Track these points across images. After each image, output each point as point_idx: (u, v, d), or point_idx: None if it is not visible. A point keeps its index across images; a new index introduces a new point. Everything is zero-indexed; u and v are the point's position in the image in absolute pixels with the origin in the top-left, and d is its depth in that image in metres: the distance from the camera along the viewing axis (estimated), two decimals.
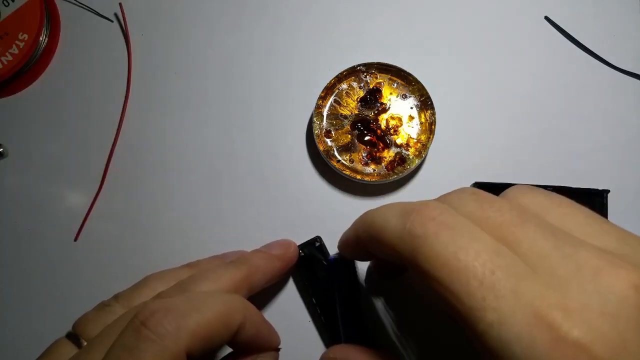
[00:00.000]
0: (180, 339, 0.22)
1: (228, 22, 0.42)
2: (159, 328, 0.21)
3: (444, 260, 0.17)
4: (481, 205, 0.20)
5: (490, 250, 0.17)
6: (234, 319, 0.24)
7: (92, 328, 0.26)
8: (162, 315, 0.22)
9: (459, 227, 0.18)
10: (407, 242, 0.19)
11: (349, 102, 0.38)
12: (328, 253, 0.36)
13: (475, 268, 0.17)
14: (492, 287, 0.16)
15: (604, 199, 0.37)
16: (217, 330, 0.23)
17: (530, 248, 0.17)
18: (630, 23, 0.41)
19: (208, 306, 0.23)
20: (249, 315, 0.25)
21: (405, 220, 0.19)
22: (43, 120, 0.41)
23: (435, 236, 0.18)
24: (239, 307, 0.25)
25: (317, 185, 0.39)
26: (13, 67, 0.39)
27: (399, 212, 0.20)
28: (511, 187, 0.22)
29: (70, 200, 0.40)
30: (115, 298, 0.28)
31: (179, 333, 0.22)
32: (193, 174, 0.40)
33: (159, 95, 0.41)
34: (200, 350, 0.23)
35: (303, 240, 0.37)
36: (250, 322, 0.25)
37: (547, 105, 0.40)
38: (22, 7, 0.39)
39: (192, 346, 0.22)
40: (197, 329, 0.22)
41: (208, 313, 0.23)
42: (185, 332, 0.22)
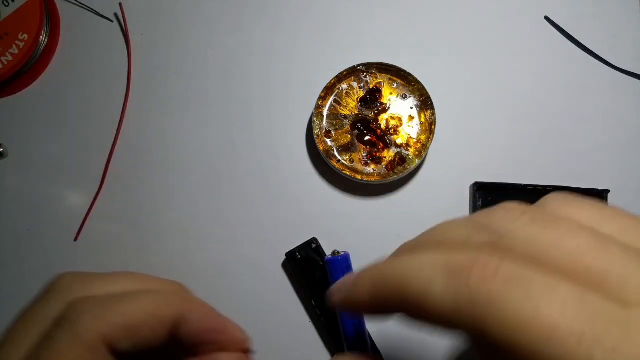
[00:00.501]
0: (96, 327, 0.21)
1: (228, 22, 0.42)
2: (73, 316, 0.21)
3: (524, 324, 0.14)
4: (541, 230, 0.15)
5: (576, 297, 0.14)
6: (166, 311, 0.23)
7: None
8: (79, 306, 0.22)
9: (528, 277, 0.14)
10: (466, 311, 0.15)
11: (349, 102, 0.38)
12: (324, 254, 0.36)
13: (568, 324, 0.13)
14: (597, 341, 0.13)
15: (604, 199, 0.37)
16: (144, 321, 0.22)
17: (624, 279, 0.14)
18: (630, 23, 0.41)
19: (133, 298, 0.22)
20: (190, 309, 0.23)
21: (457, 282, 0.15)
22: (43, 120, 0.41)
23: (504, 298, 0.14)
24: (175, 300, 0.23)
25: (317, 185, 0.39)
26: (13, 67, 0.39)
27: (443, 271, 0.16)
28: (549, 195, 0.18)
29: (70, 200, 0.40)
30: None
31: (95, 320, 0.21)
32: (193, 174, 0.40)
33: (159, 95, 0.41)
34: (127, 342, 0.22)
35: (302, 240, 0.37)
36: (193, 314, 0.23)
37: (547, 105, 0.40)
38: (22, 7, 0.39)
39: (112, 336, 0.21)
40: (118, 318, 0.21)
41: (131, 304, 0.22)
42: (102, 321, 0.21)
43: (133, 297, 0.23)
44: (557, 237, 0.15)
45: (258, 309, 0.38)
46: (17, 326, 0.24)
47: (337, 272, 0.34)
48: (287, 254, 0.37)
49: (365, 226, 0.38)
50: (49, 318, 0.23)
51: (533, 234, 0.15)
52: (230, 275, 0.38)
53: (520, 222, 0.16)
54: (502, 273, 0.15)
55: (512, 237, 0.16)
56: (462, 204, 0.39)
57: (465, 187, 0.39)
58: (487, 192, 0.38)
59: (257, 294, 0.38)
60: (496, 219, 0.17)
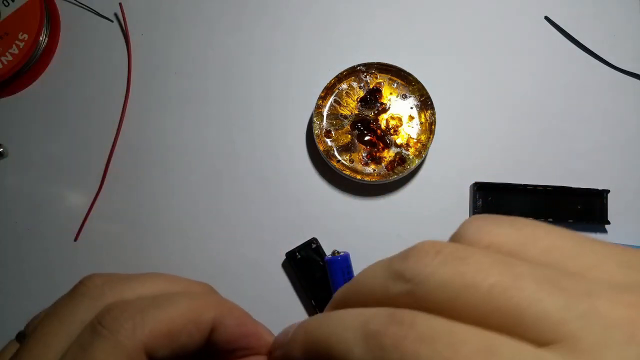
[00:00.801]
0: (136, 335, 0.21)
1: (228, 22, 0.42)
2: (113, 324, 0.21)
3: None
4: (453, 271, 0.15)
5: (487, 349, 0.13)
6: (204, 316, 0.22)
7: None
8: (118, 312, 0.21)
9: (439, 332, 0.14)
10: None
11: (349, 102, 0.38)
12: (324, 254, 0.36)
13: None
14: None
15: (604, 199, 0.37)
16: (184, 327, 0.22)
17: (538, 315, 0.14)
18: (630, 23, 0.41)
19: (172, 302, 0.22)
20: (225, 312, 0.23)
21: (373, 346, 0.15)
22: (43, 120, 0.41)
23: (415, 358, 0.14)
24: (211, 303, 0.23)
25: (317, 185, 0.39)
26: (13, 67, 0.39)
27: (361, 334, 0.16)
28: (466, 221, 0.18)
29: (70, 200, 0.40)
30: None
31: (134, 329, 0.21)
32: (193, 174, 0.40)
33: (159, 95, 0.41)
34: (164, 350, 0.21)
35: (302, 240, 0.37)
36: (229, 319, 0.23)
37: (547, 105, 0.40)
38: (22, 7, 0.39)
39: (153, 343, 0.21)
40: (158, 325, 0.21)
41: (171, 309, 0.22)
42: (142, 329, 0.21)
43: (170, 301, 0.22)
44: (469, 278, 0.15)
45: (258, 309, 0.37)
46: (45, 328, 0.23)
47: (337, 272, 0.34)
48: (287, 254, 0.37)
49: (365, 226, 0.38)
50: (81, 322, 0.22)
51: (446, 277, 0.15)
52: (230, 275, 0.38)
53: (434, 265, 0.16)
54: (415, 330, 0.15)
55: (426, 284, 0.16)
56: (462, 204, 0.39)
57: (465, 187, 0.39)
58: (487, 192, 0.38)
59: (257, 294, 0.38)
60: (410, 264, 0.16)
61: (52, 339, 0.22)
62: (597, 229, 0.38)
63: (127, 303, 0.22)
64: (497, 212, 0.37)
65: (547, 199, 0.37)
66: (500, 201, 0.38)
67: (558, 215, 0.37)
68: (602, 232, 0.38)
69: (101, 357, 0.20)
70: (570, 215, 0.37)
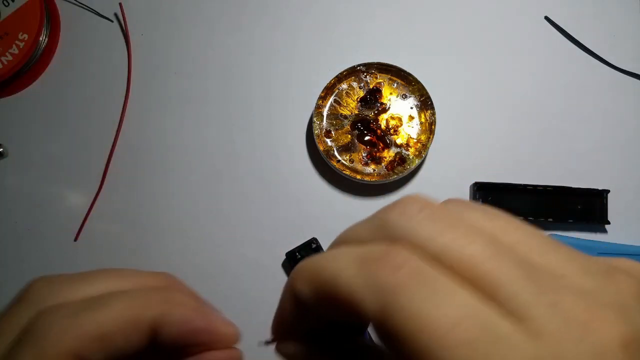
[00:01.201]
0: (63, 342, 0.20)
1: (228, 22, 0.42)
2: (39, 331, 0.20)
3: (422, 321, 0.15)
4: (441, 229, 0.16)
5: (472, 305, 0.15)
6: (142, 316, 0.21)
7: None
8: (47, 316, 0.20)
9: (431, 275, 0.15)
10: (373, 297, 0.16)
11: (349, 102, 0.38)
12: None
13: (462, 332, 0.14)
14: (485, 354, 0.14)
15: (604, 199, 0.37)
16: (118, 329, 0.20)
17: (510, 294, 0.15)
18: (630, 23, 0.41)
19: (105, 304, 0.21)
20: (168, 310, 0.21)
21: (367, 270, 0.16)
22: (43, 120, 0.41)
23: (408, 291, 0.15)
24: (152, 302, 0.21)
25: (317, 185, 0.39)
26: (13, 67, 0.39)
27: (355, 260, 0.17)
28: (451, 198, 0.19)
29: (70, 200, 0.40)
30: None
31: (61, 335, 0.20)
32: (193, 174, 0.40)
33: (159, 95, 0.41)
34: (99, 354, 0.20)
35: (302, 240, 0.37)
36: (173, 317, 0.21)
37: (547, 105, 0.40)
38: (22, 7, 0.39)
39: (83, 349, 0.20)
40: (88, 329, 0.20)
41: (104, 311, 0.20)
42: (71, 334, 0.20)
43: (105, 302, 0.21)
44: (456, 238, 0.16)
45: (258, 309, 0.38)
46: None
47: None
48: (287, 254, 0.37)
49: None
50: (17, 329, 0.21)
51: (433, 231, 0.16)
52: (230, 275, 0.38)
53: (419, 218, 0.17)
54: (409, 267, 0.15)
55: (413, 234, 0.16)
56: None
57: (465, 187, 0.39)
58: (487, 192, 0.38)
59: (257, 294, 0.38)
60: (394, 216, 0.17)
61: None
62: (597, 229, 0.38)
63: (60, 307, 0.21)
64: None
65: (547, 199, 0.37)
66: (500, 201, 0.38)
67: (558, 215, 0.37)
68: (602, 232, 0.38)
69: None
70: (570, 215, 0.37)
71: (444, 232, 0.16)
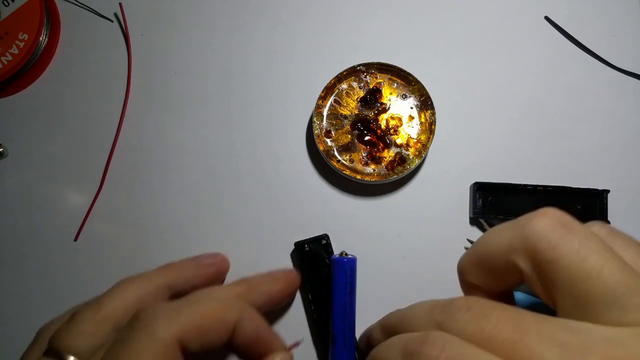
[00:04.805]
0: (171, 327, 0.22)
1: (228, 22, 0.42)
2: (149, 318, 0.22)
3: None
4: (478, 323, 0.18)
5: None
6: (230, 316, 0.25)
7: (73, 339, 0.25)
8: (154, 309, 0.23)
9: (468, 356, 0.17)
10: None
11: (349, 102, 0.38)
12: (332, 252, 0.36)
13: None
14: None
15: (604, 199, 0.37)
16: (212, 324, 0.24)
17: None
18: (630, 23, 0.41)
19: (202, 302, 0.25)
20: (247, 315, 0.26)
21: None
22: (43, 120, 0.41)
23: None
24: (235, 306, 0.26)
25: (317, 185, 0.39)
26: (13, 67, 0.39)
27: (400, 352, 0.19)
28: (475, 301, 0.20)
29: (70, 200, 0.40)
30: (85, 305, 0.28)
31: (169, 323, 0.23)
32: (193, 174, 0.40)
33: (158, 95, 0.41)
34: (195, 344, 0.23)
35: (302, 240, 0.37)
36: (249, 321, 0.26)
37: (547, 105, 0.40)
38: (22, 7, 0.39)
39: (185, 337, 0.23)
40: (190, 320, 0.23)
41: (202, 307, 0.24)
42: (176, 323, 0.23)
43: (202, 301, 0.25)
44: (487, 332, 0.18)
45: None
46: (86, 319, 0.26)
47: (340, 273, 0.34)
48: (296, 244, 0.37)
49: (365, 226, 0.38)
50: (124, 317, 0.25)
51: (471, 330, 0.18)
52: (229, 275, 0.38)
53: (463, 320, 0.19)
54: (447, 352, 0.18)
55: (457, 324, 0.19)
56: (462, 204, 0.39)
57: (465, 187, 0.39)
58: (487, 192, 0.38)
59: None
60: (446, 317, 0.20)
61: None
62: None
63: (163, 304, 0.24)
64: (497, 212, 0.37)
65: (547, 199, 0.37)
66: (500, 201, 0.38)
67: None
68: None
69: (140, 347, 0.22)
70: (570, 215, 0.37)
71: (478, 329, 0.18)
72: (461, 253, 0.39)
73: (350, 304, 0.34)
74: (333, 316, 0.34)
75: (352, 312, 0.34)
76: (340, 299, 0.34)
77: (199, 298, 0.26)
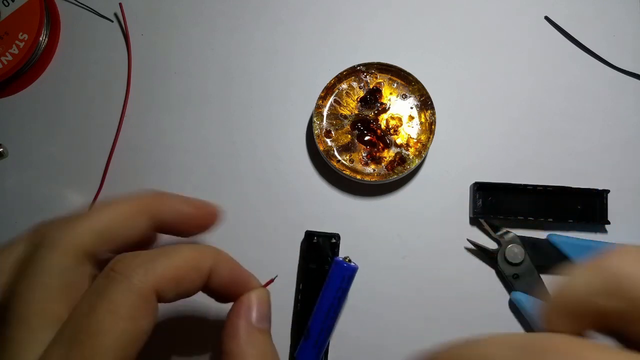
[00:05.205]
0: (148, 278, 0.23)
1: (228, 22, 0.42)
2: (126, 269, 0.23)
3: None
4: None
5: None
6: (204, 262, 0.25)
7: None
8: (129, 259, 0.23)
9: None
10: None
11: (349, 102, 0.38)
12: (337, 254, 0.36)
13: None
14: None
15: (604, 199, 0.37)
16: (187, 272, 0.24)
17: None
18: (630, 23, 0.41)
19: (176, 252, 0.25)
20: (221, 259, 0.26)
21: None
22: (43, 120, 0.41)
23: None
24: (209, 253, 0.26)
25: (317, 185, 0.39)
26: (13, 67, 0.39)
27: None
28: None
29: (70, 200, 0.40)
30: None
31: (146, 273, 0.23)
32: (193, 174, 0.40)
33: (158, 95, 0.41)
34: (171, 292, 0.24)
35: (299, 241, 0.37)
36: (223, 266, 0.26)
37: (547, 105, 0.40)
38: (22, 7, 0.39)
39: (161, 286, 0.23)
40: (166, 270, 0.23)
41: (176, 257, 0.24)
42: (152, 273, 0.23)
43: (176, 251, 0.25)
44: None
45: None
46: None
47: (337, 276, 0.34)
48: (307, 232, 0.37)
49: (365, 226, 0.38)
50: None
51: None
52: None
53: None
54: None
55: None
56: (462, 204, 0.39)
57: (465, 187, 0.39)
58: (487, 192, 0.38)
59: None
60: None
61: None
62: (597, 229, 0.38)
63: (137, 254, 0.24)
64: (497, 212, 0.37)
65: (547, 199, 0.37)
66: (500, 201, 0.38)
67: (558, 215, 0.37)
68: (602, 232, 0.38)
69: (117, 297, 0.22)
70: (570, 215, 0.37)
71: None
72: (461, 253, 0.39)
73: (336, 308, 0.34)
74: (315, 313, 0.34)
75: (335, 317, 0.34)
76: (328, 300, 0.34)
77: (174, 247, 0.25)
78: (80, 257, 0.23)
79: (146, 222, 0.26)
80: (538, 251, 0.37)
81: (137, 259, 0.23)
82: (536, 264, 0.37)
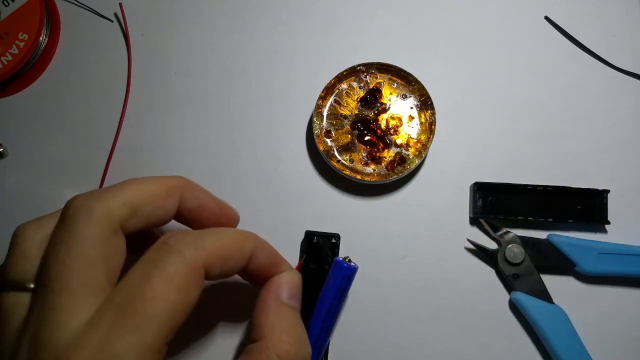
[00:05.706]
0: (199, 253, 0.24)
1: (228, 22, 0.42)
2: (178, 244, 0.24)
3: None
4: None
5: None
6: (247, 245, 0.27)
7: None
8: (182, 235, 0.25)
9: None
10: None
11: (349, 102, 0.38)
12: (337, 254, 0.36)
13: None
14: None
15: (604, 199, 0.37)
16: (232, 252, 0.26)
17: None
18: (630, 23, 0.41)
19: (223, 232, 0.27)
20: (260, 244, 0.28)
21: None
22: (43, 120, 0.41)
23: None
24: (251, 237, 0.28)
25: (317, 185, 0.39)
26: (13, 67, 0.39)
27: None
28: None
29: None
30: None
31: (197, 249, 0.24)
32: (193, 174, 0.40)
33: (158, 95, 0.41)
34: (217, 269, 0.25)
35: (298, 241, 0.37)
36: (262, 249, 0.28)
37: (547, 105, 0.40)
38: (22, 7, 0.39)
39: (209, 263, 0.25)
40: (214, 248, 0.25)
41: (223, 237, 0.26)
42: (203, 249, 0.24)
43: (223, 232, 0.27)
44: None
45: None
46: None
47: (337, 276, 0.34)
48: (307, 232, 0.37)
49: (365, 226, 0.38)
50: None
51: None
52: None
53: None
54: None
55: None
56: (462, 204, 0.39)
57: (465, 187, 0.39)
58: (487, 192, 0.38)
59: None
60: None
61: None
62: (597, 229, 0.38)
63: (186, 232, 0.26)
64: (497, 212, 0.37)
65: (547, 199, 0.37)
66: (500, 201, 0.38)
67: (558, 215, 0.37)
68: (602, 232, 0.38)
69: (171, 268, 0.23)
70: (570, 215, 0.37)
71: None
72: (461, 253, 0.39)
73: (336, 309, 0.34)
74: (314, 314, 0.34)
75: (335, 317, 0.34)
76: (328, 301, 0.34)
77: (220, 229, 0.28)
78: (115, 228, 0.24)
79: (175, 204, 0.28)
80: (538, 251, 0.37)
81: (189, 236, 0.25)
82: (536, 264, 0.37)
